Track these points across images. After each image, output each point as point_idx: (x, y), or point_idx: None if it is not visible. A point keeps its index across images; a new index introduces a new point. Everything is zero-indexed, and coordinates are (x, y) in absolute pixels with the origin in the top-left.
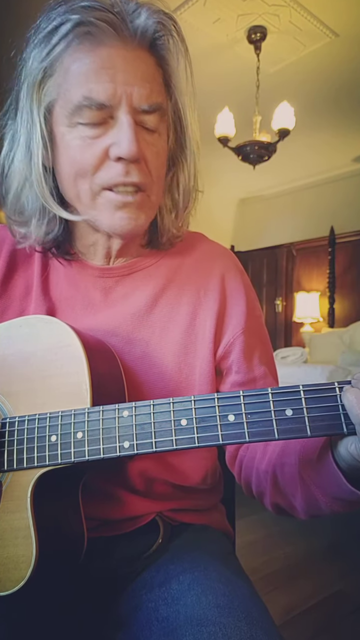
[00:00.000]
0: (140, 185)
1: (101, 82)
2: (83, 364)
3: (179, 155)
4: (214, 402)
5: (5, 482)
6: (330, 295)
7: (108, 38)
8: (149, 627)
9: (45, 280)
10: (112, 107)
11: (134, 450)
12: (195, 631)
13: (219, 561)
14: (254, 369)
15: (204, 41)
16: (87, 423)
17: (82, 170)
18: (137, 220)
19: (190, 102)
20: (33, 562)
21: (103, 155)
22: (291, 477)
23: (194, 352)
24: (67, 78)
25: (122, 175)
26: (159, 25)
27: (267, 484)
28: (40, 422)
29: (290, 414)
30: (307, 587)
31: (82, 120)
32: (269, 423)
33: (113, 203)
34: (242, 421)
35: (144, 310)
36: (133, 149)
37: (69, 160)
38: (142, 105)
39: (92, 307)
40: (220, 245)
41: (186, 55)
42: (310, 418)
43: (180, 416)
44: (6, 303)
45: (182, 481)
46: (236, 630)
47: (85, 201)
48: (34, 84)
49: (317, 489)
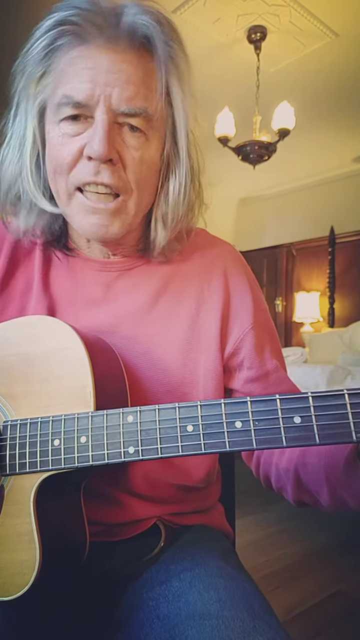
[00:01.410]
0: (112, 186)
1: (81, 81)
2: (86, 367)
3: (173, 165)
4: (221, 409)
5: (7, 486)
6: (330, 295)
7: (94, 38)
8: (150, 625)
9: (45, 276)
10: (89, 107)
11: (139, 455)
12: (198, 625)
13: (219, 558)
14: (266, 363)
15: (204, 41)
16: (90, 428)
17: (60, 167)
18: (109, 227)
19: (186, 108)
20: (37, 567)
21: (78, 154)
22: (315, 477)
23: (198, 347)
24: (56, 77)
25: (92, 175)
26: (147, 24)
27: (289, 481)
28: (42, 426)
29: (298, 422)
30: (307, 587)
31: (62, 117)
32: (277, 430)
33: (84, 207)
34: (250, 428)
35: (146, 307)
36: (102, 149)
37: (50, 157)
38: (122, 107)
39: (94, 302)
40: (221, 240)
41: (185, 58)
42: (319, 426)
43: (186, 422)
44: (6, 300)
45: (185, 480)
46: (239, 622)
47: (62, 199)
48: (31, 81)
49: (344, 491)
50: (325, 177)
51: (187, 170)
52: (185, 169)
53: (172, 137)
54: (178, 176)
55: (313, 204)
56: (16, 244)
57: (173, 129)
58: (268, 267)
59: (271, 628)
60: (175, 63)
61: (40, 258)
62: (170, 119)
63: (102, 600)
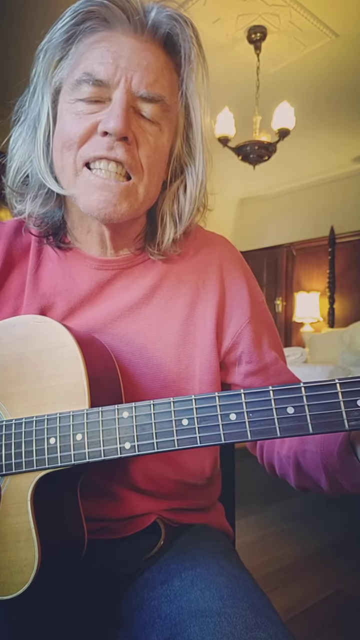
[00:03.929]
0: (125, 163)
1: (104, 61)
2: (80, 364)
3: (188, 160)
4: (215, 402)
5: (4, 486)
6: (330, 295)
7: (120, 24)
8: (152, 625)
9: (39, 274)
10: (109, 86)
11: (135, 451)
12: (200, 622)
13: (220, 557)
14: (264, 356)
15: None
16: (86, 424)
17: (69, 141)
18: (117, 206)
19: (204, 108)
20: (36, 565)
21: (91, 129)
22: (314, 464)
23: (193, 342)
24: (76, 58)
25: (105, 149)
26: (172, 23)
27: (290, 467)
28: (38, 425)
29: (291, 412)
30: (307, 587)
31: (80, 97)
32: (271, 421)
33: (92, 183)
34: (244, 420)
35: (141, 302)
36: (120, 124)
37: (60, 131)
38: (141, 90)
39: (88, 300)
40: (216, 235)
41: (203, 63)
42: (312, 416)
43: (181, 416)
44: (1, 301)
45: (184, 476)
46: (242, 619)
47: (68, 175)
48: (50, 64)
49: (341, 478)
50: (326, 177)
51: (204, 167)
52: (203, 165)
53: (185, 133)
54: (195, 171)
55: (313, 204)
56: (10, 245)
57: (188, 127)
58: (268, 267)
59: (273, 625)
60: (194, 65)
61: (35, 258)
62: (184, 118)
63: (103, 599)
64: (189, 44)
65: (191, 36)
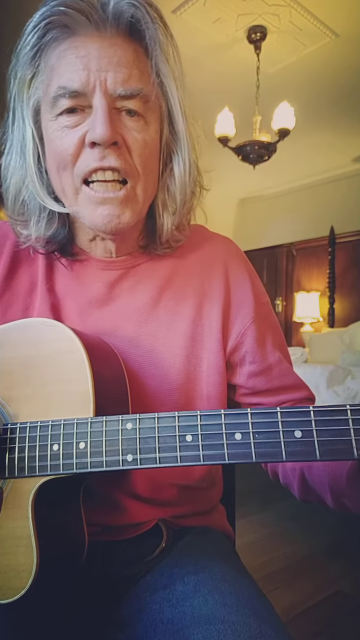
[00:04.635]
0: (120, 169)
1: (75, 70)
2: (86, 371)
3: (174, 146)
4: (221, 419)
5: (6, 490)
6: (330, 295)
7: (82, 27)
8: (154, 629)
9: (50, 275)
10: (86, 94)
11: (137, 464)
12: (204, 629)
13: (222, 561)
14: (268, 356)
15: (204, 41)
16: (89, 433)
17: (63, 161)
18: (120, 217)
19: (178, 88)
20: (34, 570)
21: (80, 144)
22: (320, 482)
23: (201, 343)
24: (48, 73)
25: (98, 160)
26: (132, 9)
27: (295, 480)
28: (42, 430)
29: (299, 436)
30: (307, 587)
31: (60, 111)
32: (277, 444)
33: (93, 199)
34: (249, 441)
35: (149, 305)
36: (105, 132)
37: (51, 153)
38: (118, 89)
39: (97, 301)
40: (221, 235)
41: (172, 40)
42: (320, 442)
43: (186, 431)
44: (10, 299)
45: (187, 479)
46: (245, 627)
47: (69, 196)
48: (23, 85)
49: (348, 502)
50: (325, 177)
51: (189, 149)
52: (188, 148)
53: (168, 117)
54: (181, 155)
55: (313, 204)
56: (18, 242)
57: (168, 109)
58: (268, 267)
59: (277, 634)
60: (162, 43)
61: (44, 257)
62: (163, 101)
63: (104, 602)
64: (153, 24)
65: (154, 16)
